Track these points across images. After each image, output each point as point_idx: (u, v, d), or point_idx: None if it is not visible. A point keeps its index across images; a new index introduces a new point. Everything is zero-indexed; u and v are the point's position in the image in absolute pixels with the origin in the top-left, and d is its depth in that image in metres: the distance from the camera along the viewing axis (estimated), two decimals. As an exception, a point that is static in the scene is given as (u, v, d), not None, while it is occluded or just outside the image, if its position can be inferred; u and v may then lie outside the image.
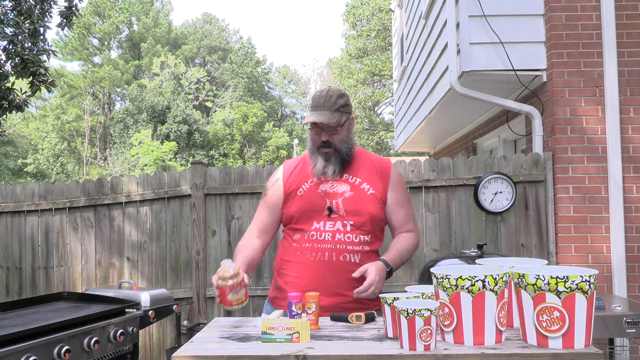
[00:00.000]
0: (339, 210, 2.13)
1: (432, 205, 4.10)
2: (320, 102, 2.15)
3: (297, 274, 2.13)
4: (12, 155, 26.95)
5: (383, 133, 24.80)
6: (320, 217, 2.14)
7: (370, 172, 2.22)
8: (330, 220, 2.13)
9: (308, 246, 2.13)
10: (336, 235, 2.11)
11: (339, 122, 2.15)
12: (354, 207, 2.14)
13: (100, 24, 31.35)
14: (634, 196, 3.93)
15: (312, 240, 2.13)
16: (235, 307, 1.85)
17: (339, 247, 2.11)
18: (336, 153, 2.17)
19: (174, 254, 4.28)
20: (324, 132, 2.15)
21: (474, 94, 4.35)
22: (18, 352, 2.05)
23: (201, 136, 26.96)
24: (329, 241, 2.11)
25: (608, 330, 2.82)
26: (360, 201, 2.15)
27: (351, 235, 2.12)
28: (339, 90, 2.21)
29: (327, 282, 2.07)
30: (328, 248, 2.11)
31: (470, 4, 4.18)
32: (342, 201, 2.15)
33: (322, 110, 2.14)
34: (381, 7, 19.94)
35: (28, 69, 4.81)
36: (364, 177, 2.21)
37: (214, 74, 34.34)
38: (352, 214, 2.13)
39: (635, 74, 3.99)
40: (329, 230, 2.12)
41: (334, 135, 2.16)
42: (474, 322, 1.54)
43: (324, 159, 2.17)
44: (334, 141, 2.16)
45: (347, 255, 2.11)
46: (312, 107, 2.18)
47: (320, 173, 2.17)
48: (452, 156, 7.17)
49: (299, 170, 2.26)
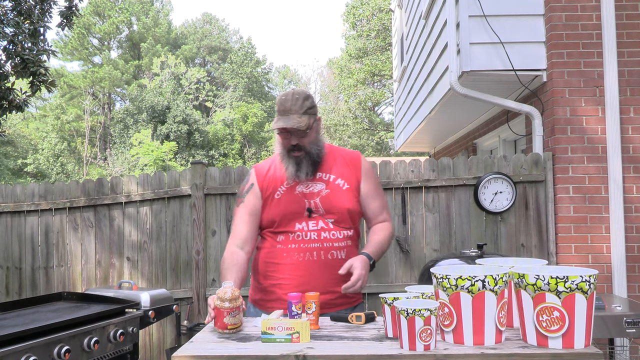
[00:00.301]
0: (318, 209, 2.15)
1: (432, 205, 4.10)
2: (287, 106, 2.11)
3: (286, 275, 2.13)
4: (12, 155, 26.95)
5: (383, 133, 24.80)
6: (301, 218, 2.15)
7: (342, 167, 2.24)
8: (311, 220, 2.15)
9: (295, 247, 2.14)
10: (322, 233, 2.14)
11: (308, 125, 2.14)
12: (332, 204, 2.16)
13: (100, 24, 31.35)
14: (634, 196, 3.93)
15: (297, 240, 2.14)
16: (229, 332, 1.81)
17: (326, 245, 2.13)
18: (307, 156, 2.17)
19: (174, 254, 4.28)
20: (293, 136, 2.14)
21: (474, 94, 4.35)
22: (18, 352, 2.05)
23: (201, 136, 26.95)
24: (316, 240, 2.13)
25: (608, 330, 2.82)
26: (337, 198, 2.17)
27: (335, 232, 2.15)
28: (304, 92, 2.18)
29: (316, 280, 2.09)
30: (315, 247, 2.13)
31: (470, 4, 4.18)
32: (320, 200, 2.16)
33: (290, 115, 2.11)
34: (381, 7, 19.93)
35: (28, 69, 4.81)
36: (337, 173, 2.22)
37: (214, 74, 34.34)
38: (331, 212, 2.15)
39: (635, 74, 3.99)
40: (314, 230, 2.14)
41: (303, 139, 2.15)
42: (474, 322, 1.54)
43: (296, 162, 2.16)
44: (304, 144, 2.15)
45: (335, 253, 2.14)
46: (279, 112, 2.14)
47: (293, 176, 2.17)
48: (452, 156, 7.17)
49: (271, 173, 2.25)
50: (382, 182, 4.09)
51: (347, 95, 22.92)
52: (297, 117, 2.11)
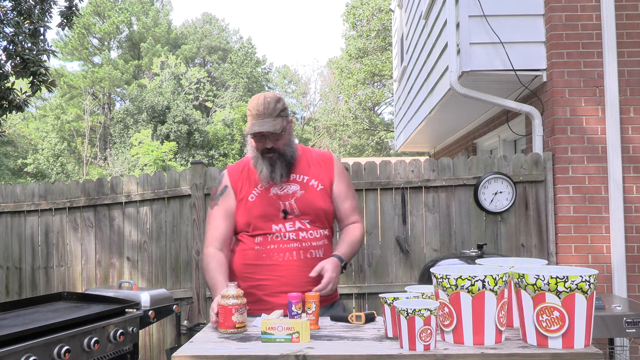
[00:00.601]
0: (294, 210, 2.16)
1: (432, 205, 4.10)
2: (261, 110, 2.11)
3: (265, 276, 2.13)
4: (12, 155, 26.94)
5: (383, 133, 24.80)
6: (277, 220, 2.16)
7: (315, 167, 2.25)
8: (288, 222, 2.16)
9: (274, 247, 2.15)
10: (300, 233, 2.16)
11: (283, 128, 2.15)
12: (307, 205, 2.17)
13: (100, 24, 31.34)
14: (634, 196, 3.93)
15: (276, 241, 2.15)
16: (237, 331, 1.81)
17: (305, 244, 2.16)
18: (281, 157, 2.18)
19: (174, 254, 4.28)
20: (267, 140, 2.14)
21: (474, 94, 4.35)
22: (18, 352, 2.05)
23: (201, 136, 26.94)
24: (294, 240, 2.15)
25: (608, 330, 2.82)
26: (312, 199, 2.19)
27: (313, 231, 2.18)
28: (274, 95, 2.19)
29: (296, 280, 2.10)
30: (295, 247, 2.14)
31: (470, 4, 4.18)
32: (295, 201, 2.17)
33: (265, 119, 2.11)
34: (381, 7, 19.93)
35: (28, 69, 4.81)
36: (311, 174, 2.24)
37: (214, 74, 34.34)
38: (306, 213, 2.17)
39: (635, 74, 3.99)
40: (292, 230, 2.16)
41: (277, 141, 2.16)
42: (474, 322, 1.54)
43: (270, 164, 2.17)
44: (278, 147, 2.16)
45: (313, 252, 2.16)
46: (253, 117, 2.13)
47: (268, 179, 2.17)
48: (452, 156, 7.17)
49: (245, 175, 2.25)
50: (382, 182, 4.09)
51: (347, 95, 22.92)
52: (272, 120, 2.12)
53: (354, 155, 24.95)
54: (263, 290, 2.13)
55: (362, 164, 4.16)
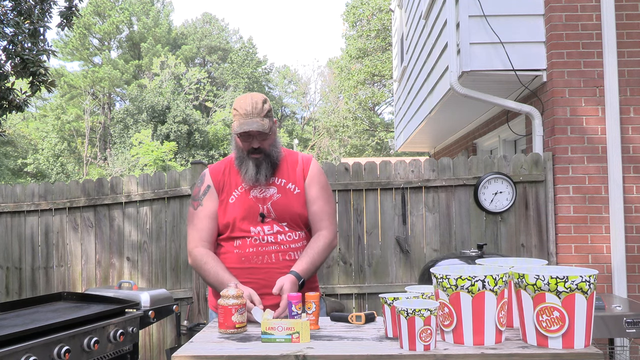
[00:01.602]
0: (270, 214, 2.16)
1: (432, 205, 4.10)
2: (249, 110, 2.11)
3: (245, 279, 2.11)
4: (12, 155, 26.94)
5: (383, 133, 24.80)
6: (255, 223, 2.15)
7: (293, 170, 2.24)
8: (266, 225, 2.15)
9: (252, 251, 2.14)
10: (278, 236, 2.15)
11: (270, 128, 2.15)
12: (283, 209, 2.16)
13: (100, 24, 31.34)
14: (634, 196, 3.93)
15: (255, 244, 2.14)
16: (236, 331, 1.81)
17: (283, 247, 2.15)
18: (267, 158, 2.17)
19: (174, 254, 4.28)
20: (254, 140, 2.14)
21: (474, 94, 4.35)
22: (18, 352, 2.05)
23: (201, 136, 26.94)
24: (273, 243, 2.14)
25: (608, 330, 2.82)
26: (288, 202, 2.17)
27: (291, 233, 2.17)
28: (261, 96, 2.18)
29: (274, 282, 2.06)
30: (273, 250, 2.14)
31: (470, 4, 4.18)
32: (271, 205, 2.17)
33: (253, 118, 2.11)
34: (381, 7, 19.93)
35: (28, 69, 4.81)
36: (288, 177, 2.22)
37: (214, 74, 34.34)
38: (282, 216, 2.16)
39: (635, 74, 3.99)
40: (270, 233, 2.15)
41: (264, 141, 2.16)
42: (474, 322, 1.54)
43: (255, 164, 2.16)
44: (264, 147, 2.16)
45: (292, 254, 2.16)
46: (240, 116, 2.13)
47: (253, 180, 2.16)
48: (452, 156, 7.17)
49: (226, 176, 2.24)
50: (382, 182, 4.09)
51: (347, 96, 22.92)
52: (260, 119, 2.12)
53: (354, 156, 24.96)
54: None
55: (362, 164, 4.16)
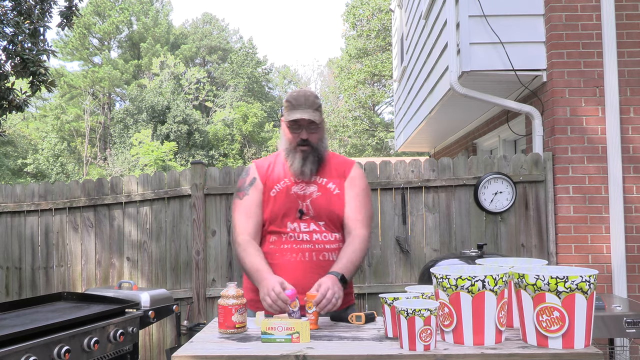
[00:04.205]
0: (309, 211, 2.16)
1: (432, 205, 4.10)
2: (301, 101, 2.17)
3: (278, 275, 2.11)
4: (12, 155, 26.93)
5: (383, 133, 24.79)
6: (293, 219, 2.16)
7: (334, 173, 2.26)
8: (303, 222, 2.16)
9: (287, 247, 2.15)
10: (313, 235, 2.15)
11: (320, 120, 2.20)
12: (322, 207, 2.17)
13: (100, 24, 31.34)
14: (634, 196, 3.93)
15: (290, 241, 2.15)
16: (236, 331, 1.81)
17: (318, 246, 2.14)
18: (314, 152, 2.20)
19: (174, 254, 4.28)
20: (304, 130, 2.17)
21: (474, 94, 4.35)
22: (18, 352, 2.05)
23: (201, 136, 26.94)
24: (308, 241, 2.14)
25: (608, 330, 2.82)
26: (327, 202, 2.18)
27: (327, 234, 2.17)
28: (313, 92, 2.24)
29: (307, 281, 2.07)
30: (307, 248, 2.14)
31: (470, 4, 4.18)
32: (310, 202, 2.18)
33: (305, 109, 2.16)
34: (381, 7, 19.93)
35: (28, 69, 4.81)
36: (330, 177, 2.24)
37: (214, 74, 34.33)
38: (321, 215, 2.17)
39: (635, 74, 3.99)
40: (306, 231, 2.15)
41: (313, 134, 2.19)
42: (474, 322, 1.54)
43: (302, 157, 2.19)
44: (312, 140, 2.19)
45: (326, 254, 2.15)
46: (292, 107, 2.17)
47: (298, 172, 2.18)
48: (452, 156, 7.17)
49: (270, 170, 2.27)
50: (382, 182, 4.09)
51: (347, 96, 22.92)
52: (311, 110, 2.16)
53: (354, 156, 24.94)
54: None
55: (362, 164, 4.16)
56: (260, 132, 30.00)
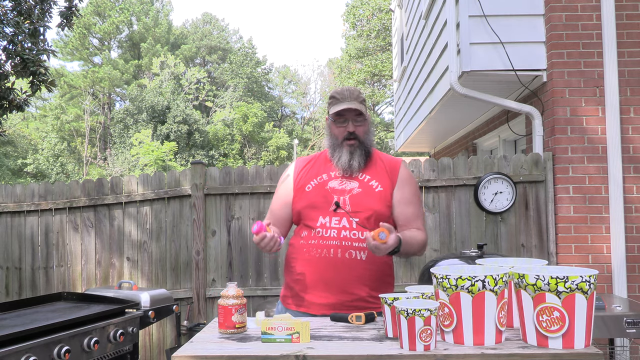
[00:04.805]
0: (345, 206, 2.13)
1: (432, 205, 4.10)
2: (346, 94, 2.19)
3: (302, 270, 2.13)
4: (12, 155, 26.93)
5: (383, 133, 24.80)
6: (325, 213, 2.13)
7: (380, 170, 2.23)
8: (335, 216, 2.12)
9: (314, 243, 2.12)
10: (342, 232, 2.10)
11: (366, 113, 2.21)
12: (360, 203, 2.13)
13: (100, 24, 31.34)
14: (634, 196, 3.93)
15: (318, 237, 2.12)
16: (236, 331, 1.81)
17: (345, 243, 2.09)
18: (361, 145, 2.19)
19: (174, 254, 4.28)
20: (350, 123, 2.18)
21: (474, 94, 4.35)
22: (18, 352, 2.05)
23: (201, 136, 26.94)
24: (334, 238, 2.10)
25: (608, 330, 2.82)
26: (367, 198, 2.15)
27: (357, 232, 2.10)
28: (356, 88, 2.27)
29: (331, 278, 2.06)
30: (333, 245, 2.09)
31: (470, 4, 4.18)
32: (349, 198, 2.15)
33: (351, 100, 2.17)
34: (381, 7, 19.93)
35: (28, 69, 4.80)
36: (373, 175, 2.22)
37: (214, 74, 34.34)
38: (357, 211, 2.13)
39: (635, 74, 3.99)
40: (334, 227, 2.11)
41: (359, 127, 2.19)
42: (474, 322, 1.54)
43: (349, 151, 2.18)
44: (359, 133, 2.19)
45: (353, 252, 2.09)
46: (336, 101, 2.19)
47: (346, 166, 2.18)
48: (452, 156, 7.17)
49: (309, 167, 2.28)
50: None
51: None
52: (357, 102, 2.17)
53: (354, 155, 24.87)
54: (300, 285, 2.13)
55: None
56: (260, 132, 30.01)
